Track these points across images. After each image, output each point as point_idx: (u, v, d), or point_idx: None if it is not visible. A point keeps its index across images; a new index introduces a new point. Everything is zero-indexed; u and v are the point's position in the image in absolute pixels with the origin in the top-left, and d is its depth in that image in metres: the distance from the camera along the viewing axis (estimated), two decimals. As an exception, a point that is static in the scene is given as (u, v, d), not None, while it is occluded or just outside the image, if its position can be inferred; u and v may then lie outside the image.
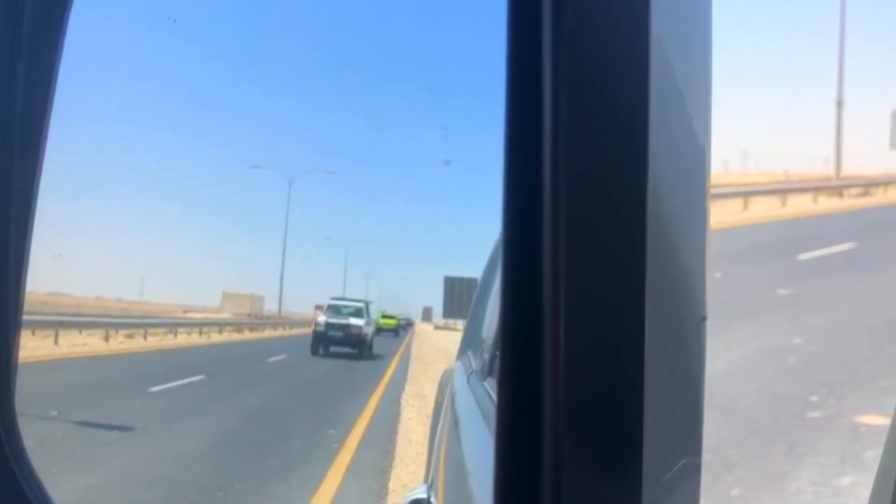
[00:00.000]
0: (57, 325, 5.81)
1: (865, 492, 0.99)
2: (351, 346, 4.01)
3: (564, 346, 0.68)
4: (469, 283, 2.19)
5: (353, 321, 3.99)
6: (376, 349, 4.35)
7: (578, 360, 0.68)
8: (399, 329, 5.18)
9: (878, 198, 27.61)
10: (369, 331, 4.00)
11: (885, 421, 5.83)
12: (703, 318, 0.71)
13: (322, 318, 3.95)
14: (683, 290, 0.72)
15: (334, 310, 3.91)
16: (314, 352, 4.14)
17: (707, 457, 0.73)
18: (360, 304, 4.01)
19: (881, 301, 10.98)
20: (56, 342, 5.94)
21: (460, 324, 2.40)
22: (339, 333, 4.06)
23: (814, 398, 7.09)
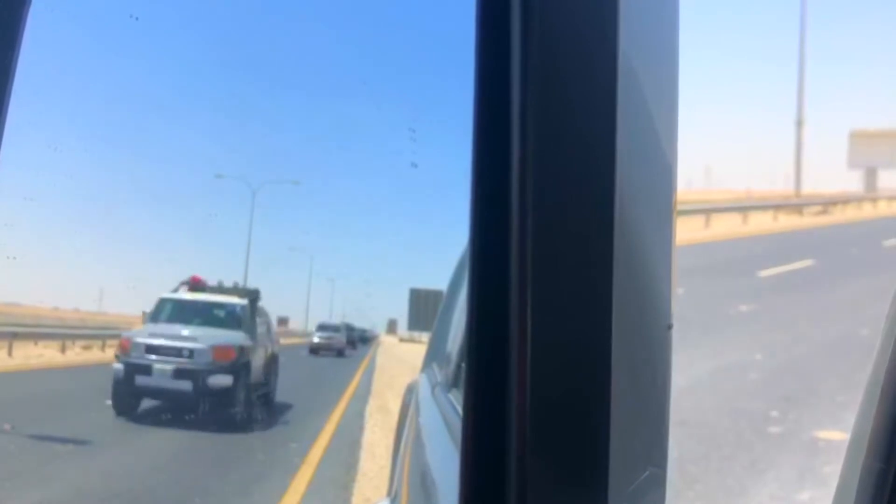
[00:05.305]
0: (11, 335, 5.67)
1: (825, 506, 0.99)
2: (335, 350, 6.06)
3: (531, 357, 0.67)
4: (435, 294, 2.17)
5: (336, 335, 6.15)
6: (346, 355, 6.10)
7: (545, 371, 0.67)
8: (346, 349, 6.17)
9: (836, 216, 28.24)
10: (343, 341, 6.11)
11: (843, 436, 5.92)
12: (670, 327, 0.71)
13: (316, 336, 6.12)
14: (650, 298, 0.71)
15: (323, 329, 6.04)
16: (311, 354, 6.16)
17: (668, 472, 0.72)
18: (339, 325, 6.08)
19: (839, 317, 11.20)
20: (10, 354, 5.81)
21: (425, 336, 2.38)
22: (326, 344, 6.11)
23: (774, 413, 7.18)
